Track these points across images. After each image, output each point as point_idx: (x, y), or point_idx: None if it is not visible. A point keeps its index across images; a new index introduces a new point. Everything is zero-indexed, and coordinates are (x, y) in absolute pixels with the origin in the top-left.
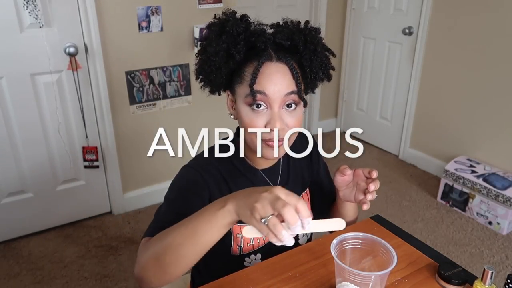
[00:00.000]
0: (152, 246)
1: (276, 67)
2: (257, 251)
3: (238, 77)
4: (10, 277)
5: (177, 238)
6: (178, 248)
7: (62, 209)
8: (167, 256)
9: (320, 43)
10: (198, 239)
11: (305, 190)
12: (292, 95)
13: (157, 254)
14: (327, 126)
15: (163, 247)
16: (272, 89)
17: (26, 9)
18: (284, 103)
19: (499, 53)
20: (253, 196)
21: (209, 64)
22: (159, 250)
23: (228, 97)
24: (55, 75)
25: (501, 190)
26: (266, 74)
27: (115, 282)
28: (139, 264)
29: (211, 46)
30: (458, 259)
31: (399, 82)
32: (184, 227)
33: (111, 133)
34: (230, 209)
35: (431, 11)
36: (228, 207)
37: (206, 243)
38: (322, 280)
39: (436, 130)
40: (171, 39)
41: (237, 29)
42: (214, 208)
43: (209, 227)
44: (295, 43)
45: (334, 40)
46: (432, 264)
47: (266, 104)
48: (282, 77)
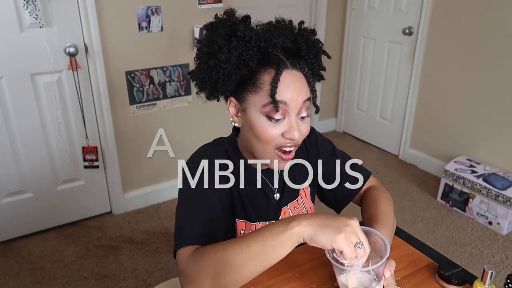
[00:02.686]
0: (206, 264)
1: (293, 75)
2: None
3: (251, 85)
4: (10, 277)
5: (238, 259)
6: (240, 269)
7: (62, 209)
8: (227, 276)
9: (320, 46)
10: (262, 260)
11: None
12: (307, 102)
13: (214, 274)
14: (327, 126)
15: (222, 266)
16: (291, 98)
17: (26, 9)
18: (301, 111)
19: (499, 53)
20: (337, 221)
21: (217, 71)
22: (216, 270)
23: (231, 103)
24: (55, 75)
25: (501, 190)
26: (285, 84)
27: (115, 282)
28: (189, 280)
29: (223, 53)
30: (458, 259)
31: (399, 82)
32: (245, 247)
33: (111, 133)
34: (299, 232)
35: (431, 11)
36: (297, 229)
37: (271, 261)
38: (322, 280)
39: (436, 130)
40: (171, 39)
41: (249, 33)
42: (277, 230)
43: (275, 249)
44: (298, 47)
45: (334, 40)
46: (432, 264)
47: (283, 115)
48: (300, 85)
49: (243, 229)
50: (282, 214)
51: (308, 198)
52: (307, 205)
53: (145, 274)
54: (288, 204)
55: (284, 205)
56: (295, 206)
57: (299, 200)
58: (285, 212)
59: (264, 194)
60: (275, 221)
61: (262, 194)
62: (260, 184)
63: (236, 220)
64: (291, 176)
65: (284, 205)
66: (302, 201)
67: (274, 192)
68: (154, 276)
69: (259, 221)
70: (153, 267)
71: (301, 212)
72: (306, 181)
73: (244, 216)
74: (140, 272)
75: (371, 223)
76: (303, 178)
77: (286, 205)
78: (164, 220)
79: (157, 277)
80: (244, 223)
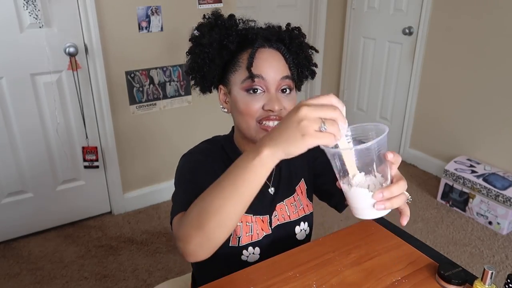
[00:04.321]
0: (190, 217)
1: (270, 52)
2: (256, 244)
3: (232, 66)
4: (10, 277)
5: (216, 201)
6: (219, 211)
7: (62, 209)
8: (210, 222)
9: (303, 39)
10: (239, 197)
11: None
12: (287, 79)
13: (198, 223)
14: None
15: (203, 214)
16: (269, 73)
17: (26, 9)
18: (280, 87)
19: (499, 53)
20: (290, 123)
21: (202, 56)
22: (199, 219)
23: (221, 91)
24: (55, 75)
25: (501, 190)
26: (261, 59)
27: (115, 282)
28: (180, 239)
29: (204, 39)
30: (458, 259)
31: (399, 82)
32: (219, 188)
33: (111, 133)
34: (269, 154)
35: (431, 11)
36: (265, 153)
37: (249, 197)
38: (322, 280)
39: (436, 130)
40: (171, 39)
41: (229, 22)
42: (246, 160)
43: (249, 180)
44: (281, 38)
45: (334, 40)
46: (432, 264)
47: (263, 88)
48: (277, 61)
49: (240, 221)
50: (278, 209)
51: (304, 195)
52: (303, 202)
53: (145, 274)
54: (284, 200)
55: (279, 201)
56: (291, 203)
57: (295, 197)
58: (281, 208)
59: None
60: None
61: None
62: None
63: None
64: (287, 172)
65: (279, 201)
66: (298, 198)
67: (269, 186)
68: (154, 276)
69: (253, 215)
70: (153, 267)
71: (299, 209)
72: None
73: None
74: (140, 272)
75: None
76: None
77: (282, 201)
78: (164, 220)
79: (157, 277)
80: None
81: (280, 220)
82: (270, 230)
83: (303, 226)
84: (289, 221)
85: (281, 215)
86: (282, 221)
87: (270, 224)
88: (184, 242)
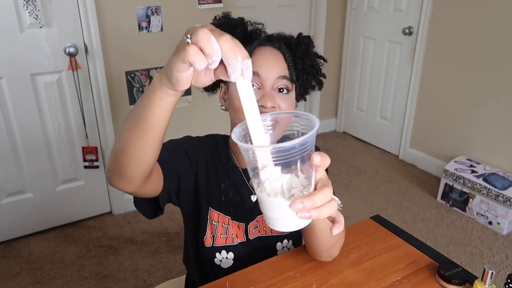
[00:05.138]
0: (113, 146)
1: (269, 50)
2: (229, 248)
3: None
4: (10, 277)
5: (125, 125)
6: (126, 134)
7: (62, 209)
8: (120, 143)
9: (311, 46)
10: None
11: None
12: (284, 79)
13: (113, 159)
14: (327, 126)
15: (117, 147)
16: (265, 70)
17: (26, 9)
18: (276, 86)
19: (499, 53)
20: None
21: None
22: (114, 152)
23: (221, 89)
24: (55, 75)
25: (501, 190)
26: (259, 56)
27: (115, 282)
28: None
29: None
30: (458, 259)
31: (399, 82)
32: (128, 121)
33: (111, 133)
34: (157, 78)
35: (431, 11)
36: (154, 78)
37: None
38: (322, 280)
39: (436, 130)
40: (171, 39)
41: (234, 21)
42: (146, 91)
43: (144, 108)
44: (288, 43)
45: (334, 40)
46: (432, 264)
47: (258, 84)
48: (275, 60)
49: (216, 220)
50: (260, 221)
51: None
52: None
53: (145, 274)
54: None
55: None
56: None
57: None
58: (264, 221)
59: (238, 193)
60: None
61: (236, 191)
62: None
63: (209, 208)
64: None
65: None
66: None
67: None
68: (154, 276)
69: (231, 219)
70: (153, 267)
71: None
72: None
73: (218, 207)
74: (140, 272)
75: None
76: None
77: None
78: (164, 220)
79: (157, 277)
80: (217, 215)
81: (262, 232)
82: (244, 238)
83: (285, 243)
84: (271, 235)
85: (262, 227)
86: (264, 233)
87: (246, 232)
88: (107, 168)
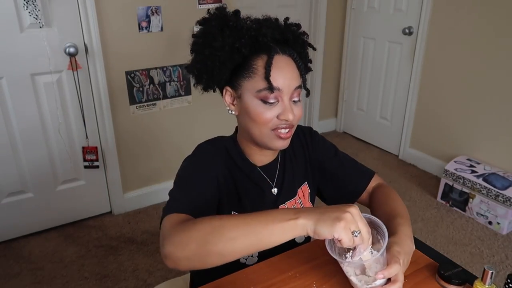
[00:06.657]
0: (198, 228)
1: (284, 60)
2: None
3: (246, 71)
4: (10, 277)
5: (233, 232)
6: (231, 242)
7: (62, 209)
8: (217, 245)
9: (305, 37)
10: (257, 242)
11: (303, 183)
12: (298, 89)
13: (204, 239)
14: (327, 126)
15: (216, 235)
16: (283, 84)
17: (26, 9)
18: (292, 97)
19: (499, 53)
20: (334, 211)
21: (213, 59)
22: (208, 236)
23: (227, 93)
24: (55, 75)
25: (501, 190)
26: (277, 68)
27: (115, 282)
28: (171, 242)
29: (217, 41)
30: (458, 259)
31: (399, 82)
32: (244, 224)
33: (111, 133)
34: (303, 223)
35: (431, 11)
36: (301, 221)
37: (264, 246)
38: (322, 280)
39: (436, 130)
40: (171, 39)
41: (240, 23)
42: (282, 217)
43: (272, 232)
44: (286, 38)
45: (334, 40)
46: (432, 264)
47: (278, 98)
48: (291, 70)
49: None
50: None
51: (306, 198)
52: (305, 205)
53: (145, 274)
54: (286, 202)
55: (282, 203)
56: (292, 205)
57: (296, 200)
58: None
59: (260, 189)
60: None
61: (259, 189)
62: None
63: (232, 212)
64: (290, 175)
65: (282, 203)
66: (299, 201)
67: (272, 186)
68: (154, 276)
69: None
70: (153, 267)
71: None
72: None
73: (241, 209)
74: (140, 272)
75: (391, 218)
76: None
77: (284, 203)
78: None
79: (157, 277)
80: None
81: None
82: None
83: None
84: None
85: None
86: None
87: None
88: (175, 247)
